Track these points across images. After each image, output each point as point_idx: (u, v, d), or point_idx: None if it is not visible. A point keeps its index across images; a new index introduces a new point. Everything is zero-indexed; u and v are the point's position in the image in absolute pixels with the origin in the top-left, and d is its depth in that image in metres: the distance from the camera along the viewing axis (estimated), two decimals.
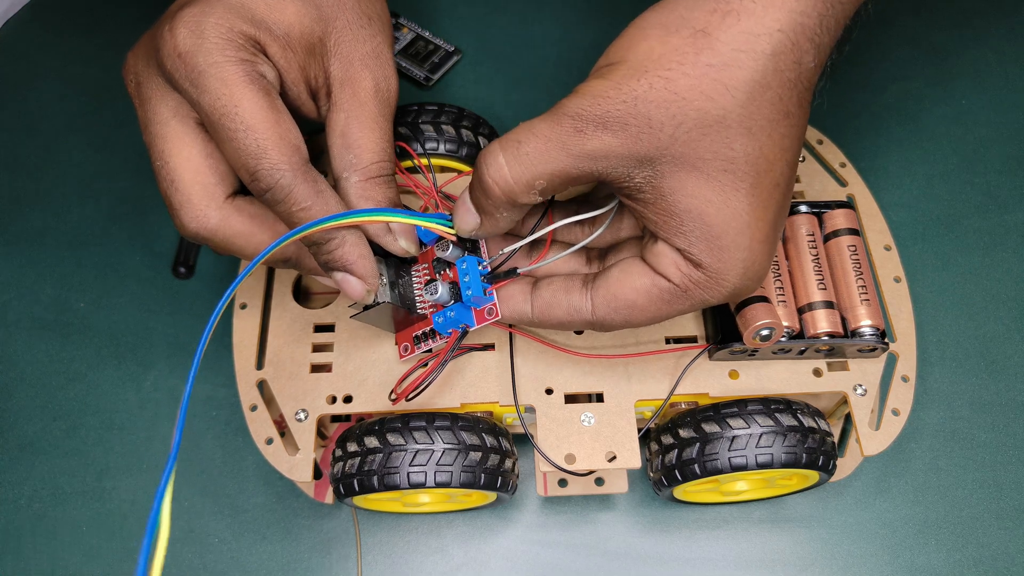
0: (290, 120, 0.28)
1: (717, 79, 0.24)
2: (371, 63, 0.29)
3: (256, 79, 0.27)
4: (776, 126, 0.25)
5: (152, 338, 0.41)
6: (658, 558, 0.37)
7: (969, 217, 0.44)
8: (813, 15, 0.24)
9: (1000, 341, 0.41)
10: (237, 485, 0.38)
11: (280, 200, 0.27)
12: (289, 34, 0.28)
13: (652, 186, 0.25)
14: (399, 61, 0.49)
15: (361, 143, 0.29)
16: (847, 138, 0.41)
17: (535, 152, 0.25)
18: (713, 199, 0.25)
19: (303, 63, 0.29)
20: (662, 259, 0.27)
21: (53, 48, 0.50)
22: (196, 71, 0.26)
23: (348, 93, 0.29)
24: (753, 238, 0.26)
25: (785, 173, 0.26)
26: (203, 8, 0.27)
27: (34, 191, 0.45)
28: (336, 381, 0.33)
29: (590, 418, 0.32)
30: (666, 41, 0.25)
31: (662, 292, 0.27)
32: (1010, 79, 0.48)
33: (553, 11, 0.52)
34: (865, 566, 0.36)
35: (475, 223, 0.28)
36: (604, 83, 0.25)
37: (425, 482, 0.31)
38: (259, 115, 0.27)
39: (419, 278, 0.32)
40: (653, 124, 0.24)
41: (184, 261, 0.42)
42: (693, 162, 0.25)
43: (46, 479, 0.38)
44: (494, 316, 0.30)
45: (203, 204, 0.29)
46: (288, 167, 0.27)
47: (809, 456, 0.32)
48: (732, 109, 0.24)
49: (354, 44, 0.29)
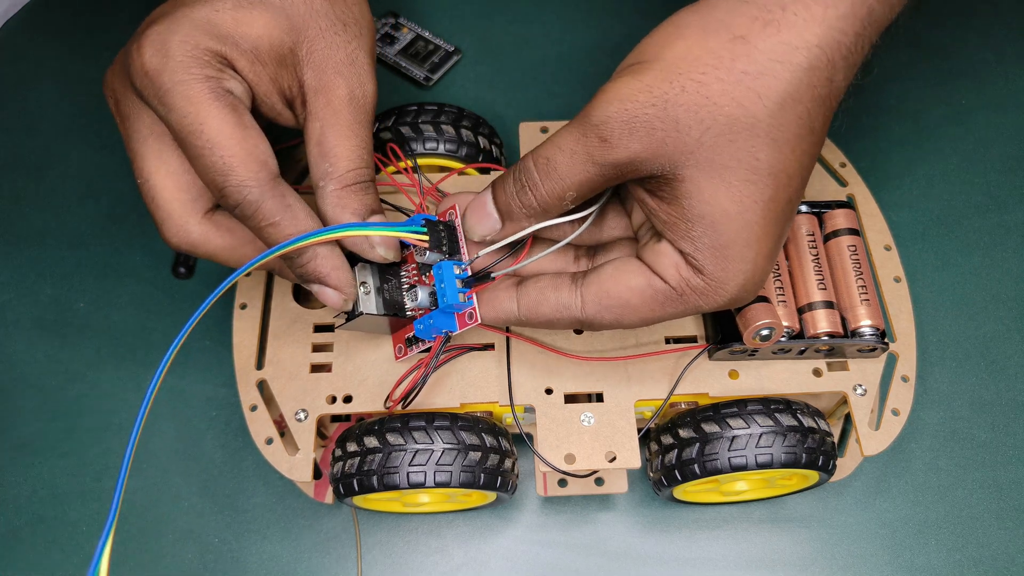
0: (258, 135, 0.28)
1: (751, 87, 0.24)
2: (344, 70, 0.29)
3: (222, 95, 0.27)
4: (800, 141, 0.25)
5: (152, 338, 0.41)
6: (658, 558, 0.37)
7: (969, 217, 0.44)
8: (851, 33, 0.25)
9: (1000, 341, 0.41)
10: (237, 485, 0.38)
11: (249, 215, 0.28)
12: (258, 47, 0.28)
13: (671, 187, 0.25)
14: (399, 61, 0.49)
15: (336, 151, 0.29)
16: (847, 138, 0.41)
17: (564, 167, 0.26)
18: (729, 209, 0.25)
19: (274, 74, 0.29)
20: (662, 259, 0.27)
21: (53, 48, 0.50)
22: (162, 89, 0.27)
23: (322, 102, 0.29)
24: (759, 252, 0.26)
25: (799, 191, 0.26)
26: (169, 26, 0.27)
27: (34, 191, 0.45)
28: (336, 381, 0.33)
29: (590, 418, 0.32)
30: (703, 43, 0.24)
31: (656, 293, 0.27)
32: (1010, 79, 0.48)
33: (553, 11, 0.51)
34: (865, 566, 0.36)
35: (493, 228, 0.29)
36: (634, 84, 0.25)
37: (425, 482, 0.31)
38: (225, 132, 0.27)
39: (407, 279, 0.32)
40: (681, 128, 0.24)
41: (184, 261, 0.42)
42: (717, 169, 0.25)
43: (45, 479, 0.38)
44: (474, 321, 0.29)
45: (183, 220, 0.29)
46: (255, 183, 0.27)
47: (809, 456, 0.31)
48: (762, 118, 0.24)
49: (327, 52, 0.29)
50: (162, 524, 0.37)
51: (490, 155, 0.39)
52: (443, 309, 0.29)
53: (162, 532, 0.37)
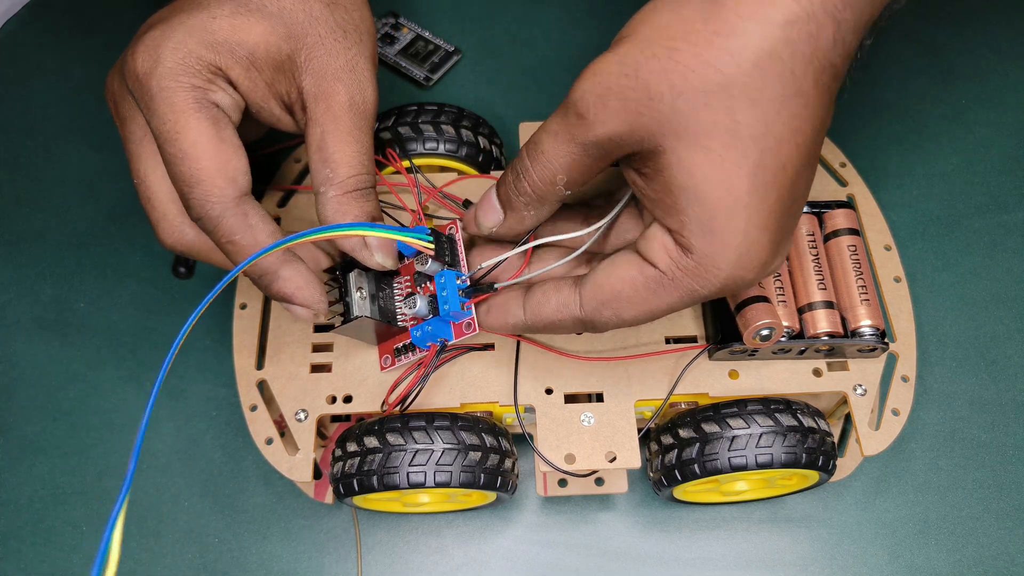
0: (233, 151, 0.28)
1: (723, 47, 0.23)
2: (344, 76, 0.29)
3: (205, 107, 0.27)
4: (787, 103, 0.24)
5: (152, 338, 0.41)
6: (658, 558, 0.37)
7: (969, 217, 0.44)
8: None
9: (1000, 341, 0.41)
10: (237, 485, 0.38)
11: (210, 230, 0.28)
12: (254, 53, 0.28)
13: (654, 161, 0.25)
14: (399, 61, 0.49)
15: (337, 157, 0.29)
16: (847, 137, 0.41)
17: (550, 150, 0.26)
18: (711, 176, 0.24)
19: (271, 80, 0.29)
20: (652, 244, 0.26)
21: (53, 48, 0.50)
22: (149, 94, 0.27)
23: (323, 108, 0.29)
24: (749, 222, 0.24)
25: (793, 157, 0.24)
26: (164, 31, 0.27)
27: (34, 191, 0.45)
28: (336, 381, 0.33)
29: (590, 418, 0.32)
30: (677, 11, 0.24)
31: (647, 280, 0.26)
32: (1010, 79, 0.48)
33: (553, 11, 0.52)
34: (865, 566, 0.36)
35: (496, 219, 0.29)
36: (608, 58, 0.24)
37: (425, 482, 0.31)
38: (200, 144, 0.27)
39: (400, 290, 0.32)
40: (653, 94, 0.23)
41: (184, 261, 0.42)
42: (694, 136, 0.24)
43: (46, 479, 0.38)
44: (472, 331, 0.30)
45: (178, 221, 0.30)
46: (217, 199, 0.27)
47: (809, 456, 0.32)
48: (736, 77, 0.23)
49: (327, 58, 0.29)
50: (162, 524, 0.37)
51: (490, 155, 0.39)
52: (443, 317, 0.30)
53: (162, 532, 0.37)
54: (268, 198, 0.37)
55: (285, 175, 0.38)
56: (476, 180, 0.37)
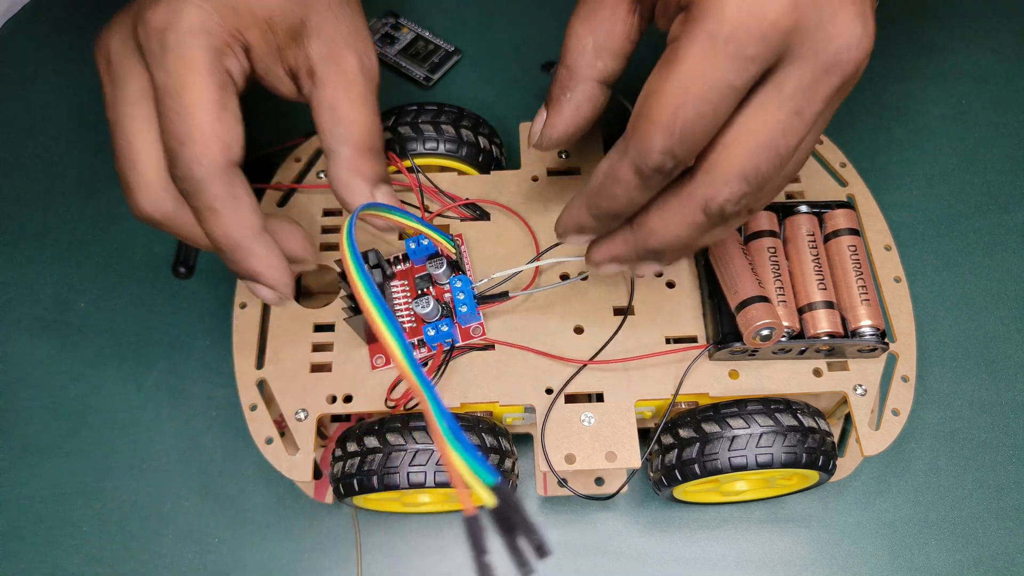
0: (235, 119, 0.27)
1: None
2: (353, 41, 0.30)
3: (216, 70, 0.27)
4: None
5: (152, 338, 0.41)
6: (658, 558, 0.37)
7: (969, 217, 0.44)
8: None
9: (1000, 341, 0.41)
10: (237, 485, 0.38)
11: (191, 193, 0.27)
12: (272, 16, 0.28)
13: None
14: (399, 61, 0.49)
15: (351, 116, 0.29)
16: (847, 137, 0.41)
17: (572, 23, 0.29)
18: None
19: (283, 44, 0.29)
20: (669, 45, 0.24)
21: (53, 48, 0.50)
22: (163, 46, 0.27)
23: (334, 71, 0.29)
24: None
25: None
26: None
27: (34, 191, 0.45)
28: (336, 381, 0.33)
29: (590, 418, 0.32)
30: None
31: (667, 63, 0.23)
32: (1010, 79, 0.48)
33: (553, 11, 0.51)
34: (865, 566, 0.36)
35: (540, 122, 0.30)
36: None
37: (425, 482, 0.31)
38: (202, 104, 0.26)
39: (398, 294, 0.34)
40: None
41: (184, 261, 0.42)
42: None
43: (47, 479, 0.38)
44: (480, 335, 0.33)
45: (161, 188, 0.28)
46: (208, 161, 0.26)
47: (809, 456, 0.32)
48: None
49: (336, 24, 0.29)
50: (162, 524, 0.37)
51: (490, 155, 0.39)
52: (460, 318, 0.32)
53: (162, 532, 0.37)
54: (268, 198, 0.37)
55: (285, 175, 0.38)
56: (476, 180, 0.38)
